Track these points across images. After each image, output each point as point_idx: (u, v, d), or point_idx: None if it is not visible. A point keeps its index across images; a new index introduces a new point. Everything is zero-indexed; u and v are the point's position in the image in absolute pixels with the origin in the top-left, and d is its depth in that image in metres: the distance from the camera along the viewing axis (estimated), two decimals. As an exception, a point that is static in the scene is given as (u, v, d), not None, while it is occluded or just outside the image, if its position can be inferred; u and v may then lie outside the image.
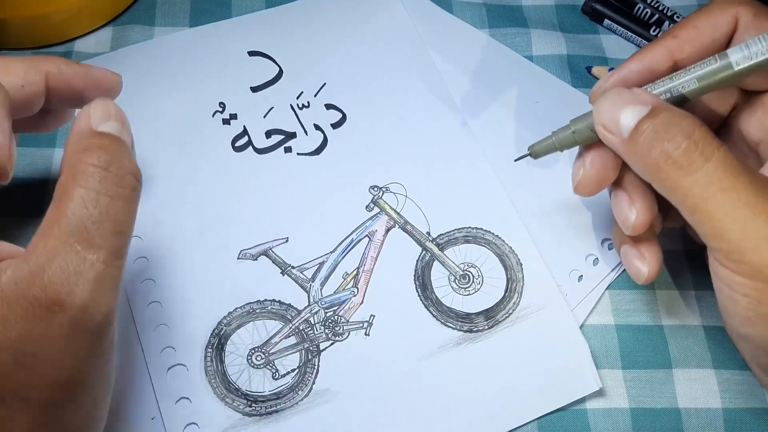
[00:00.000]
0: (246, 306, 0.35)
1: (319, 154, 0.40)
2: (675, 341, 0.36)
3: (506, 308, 0.36)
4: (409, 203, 0.38)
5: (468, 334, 0.35)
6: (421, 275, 0.37)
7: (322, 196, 0.38)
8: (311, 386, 0.34)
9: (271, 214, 0.38)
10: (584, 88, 0.42)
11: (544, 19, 0.45)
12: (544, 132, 0.38)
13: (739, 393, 0.35)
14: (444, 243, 0.37)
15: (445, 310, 0.36)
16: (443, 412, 0.33)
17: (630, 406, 0.34)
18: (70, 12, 0.41)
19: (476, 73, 0.42)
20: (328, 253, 0.37)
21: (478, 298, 0.36)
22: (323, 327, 0.35)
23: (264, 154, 0.40)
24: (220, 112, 0.41)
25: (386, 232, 0.38)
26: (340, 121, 0.41)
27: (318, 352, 0.35)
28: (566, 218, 0.38)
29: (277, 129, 0.40)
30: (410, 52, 0.43)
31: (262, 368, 0.34)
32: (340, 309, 0.36)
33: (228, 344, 0.35)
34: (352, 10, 0.44)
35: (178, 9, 0.44)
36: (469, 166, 0.39)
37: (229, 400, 0.33)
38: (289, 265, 0.36)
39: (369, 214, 0.38)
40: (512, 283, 0.36)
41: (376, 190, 0.39)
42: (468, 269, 0.37)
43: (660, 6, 0.45)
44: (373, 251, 0.37)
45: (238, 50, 0.43)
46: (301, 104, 0.41)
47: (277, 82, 0.42)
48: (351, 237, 0.37)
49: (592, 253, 0.37)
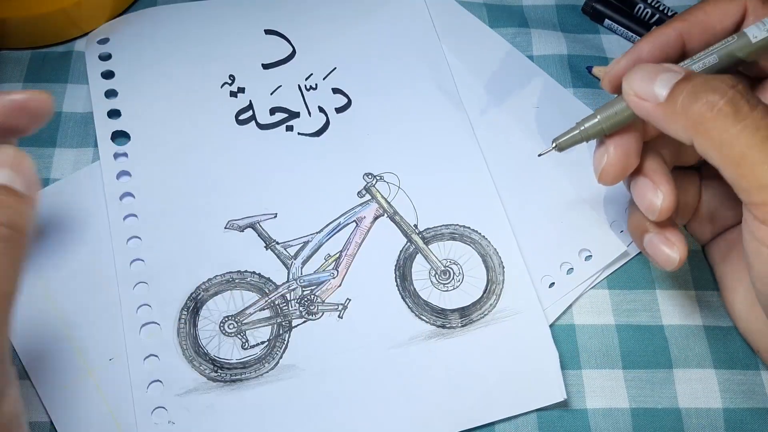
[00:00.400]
0: (226, 274, 0.36)
1: (319, 136, 0.40)
2: (675, 341, 0.36)
3: (482, 309, 0.35)
4: (401, 194, 0.38)
5: (440, 329, 0.35)
6: (403, 266, 0.37)
7: (317, 177, 0.39)
8: (278, 360, 0.34)
9: (263, 189, 0.38)
10: (585, 89, 0.42)
11: (545, 19, 0.45)
12: (546, 137, 0.38)
13: (740, 393, 0.34)
14: (430, 237, 0.37)
15: (421, 303, 0.36)
16: (404, 402, 0.33)
17: (630, 406, 0.34)
18: (70, 12, 0.41)
19: (486, 73, 0.42)
20: (313, 233, 0.37)
21: (455, 296, 0.36)
22: (298, 304, 0.36)
23: (266, 130, 0.40)
24: (229, 84, 0.41)
25: (374, 220, 0.38)
26: (344, 106, 0.41)
27: (290, 328, 0.35)
28: (550, 224, 0.38)
29: (282, 107, 0.41)
30: (424, 44, 0.43)
31: (233, 337, 0.35)
32: (317, 289, 0.36)
33: (203, 309, 0.35)
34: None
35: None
36: (466, 164, 0.39)
37: (196, 363, 0.34)
38: (274, 240, 0.37)
39: (360, 200, 0.38)
40: (492, 284, 0.36)
41: (370, 177, 0.39)
42: (450, 266, 0.37)
43: (660, 6, 0.45)
44: (358, 237, 0.37)
45: (255, 27, 0.43)
46: (308, 86, 0.42)
47: (288, 61, 0.42)
48: (339, 220, 0.38)
49: (567, 262, 0.37)
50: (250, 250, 0.37)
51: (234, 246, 0.37)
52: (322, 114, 0.41)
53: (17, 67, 0.42)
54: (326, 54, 0.43)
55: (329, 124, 0.40)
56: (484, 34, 0.44)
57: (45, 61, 0.42)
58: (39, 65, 0.42)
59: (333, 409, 0.33)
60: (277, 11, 0.44)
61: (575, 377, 0.35)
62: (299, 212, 0.38)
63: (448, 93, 0.41)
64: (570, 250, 0.37)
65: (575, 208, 0.38)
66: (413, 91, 0.41)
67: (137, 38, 0.42)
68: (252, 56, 0.42)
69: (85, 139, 0.40)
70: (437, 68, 0.42)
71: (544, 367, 0.34)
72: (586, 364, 0.35)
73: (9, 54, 0.42)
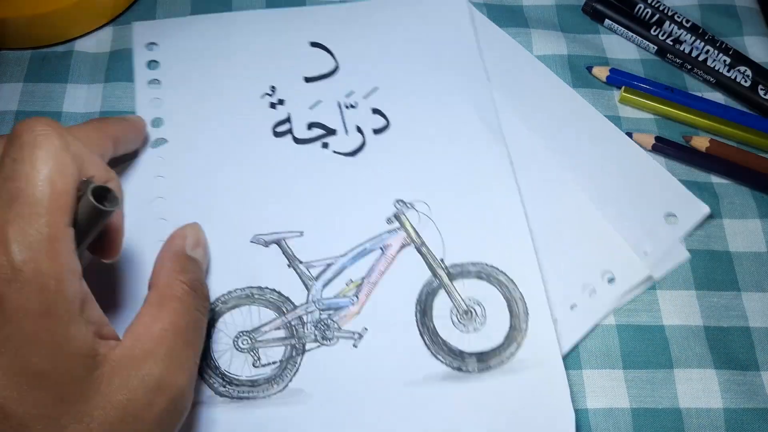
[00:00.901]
0: (246, 289, 0.35)
1: (354, 156, 0.39)
2: (675, 341, 0.36)
3: (501, 356, 0.34)
4: (430, 225, 0.37)
5: (456, 372, 0.34)
6: (424, 301, 0.36)
7: (347, 198, 0.38)
8: (287, 383, 0.34)
9: (292, 205, 0.38)
10: (584, 89, 0.43)
11: (545, 18, 0.46)
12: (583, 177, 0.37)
13: (740, 393, 0.35)
14: (455, 273, 0.36)
15: (439, 342, 0.35)
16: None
17: (631, 406, 0.34)
18: (70, 12, 0.41)
19: (531, 108, 0.41)
20: (338, 256, 0.37)
21: (475, 338, 0.35)
22: (314, 328, 0.35)
23: (301, 145, 0.40)
24: (270, 95, 0.41)
25: (400, 249, 0.37)
26: (382, 128, 0.40)
27: (303, 351, 0.34)
28: (573, 246, 0.37)
29: (320, 123, 0.40)
30: (468, 72, 0.42)
31: (246, 353, 0.34)
32: (335, 314, 0.35)
33: (219, 321, 0.35)
34: (420, 19, 0.44)
35: (179, 8, 0.44)
36: (501, 202, 0.38)
37: (206, 376, 0.33)
38: (297, 259, 0.36)
39: (388, 226, 0.37)
40: (514, 331, 0.35)
41: (401, 204, 0.38)
42: (473, 306, 0.36)
43: (660, 6, 0.45)
44: (382, 265, 0.37)
45: (301, 39, 0.43)
46: (348, 103, 0.41)
47: (331, 76, 0.42)
48: (365, 245, 0.37)
49: (590, 284, 0.37)
50: (273, 267, 0.36)
51: (257, 261, 0.36)
52: (359, 134, 0.40)
53: (17, 67, 0.41)
54: (369, 72, 0.42)
55: (365, 144, 0.40)
56: (530, 64, 0.43)
57: (45, 61, 0.42)
58: (39, 65, 0.42)
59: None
60: (324, 24, 0.43)
61: (576, 377, 0.35)
62: (326, 232, 0.37)
63: (489, 125, 0.40)
64: (592, 272, 0.37)
65: (599, 229, 0.38)
66: (454, 120, 0.40)
67: (185, 44, 0.42)
68: (295, 68, 0.42)
69: None
70: (480, 98, 0.41)
71: (558, 425, 0.33)
72: (586, 363, 0.35)
73: (9, 54, 0.42)
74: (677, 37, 0.44)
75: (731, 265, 0.38)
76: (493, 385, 0.34)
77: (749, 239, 0.39)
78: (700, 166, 0.41)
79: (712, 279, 0.38)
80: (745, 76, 0.43)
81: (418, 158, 0.39)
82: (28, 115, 0.40)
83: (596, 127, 0.41)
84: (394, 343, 0.35)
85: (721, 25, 0.46)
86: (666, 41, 0.44)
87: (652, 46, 0.44)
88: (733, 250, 0.39)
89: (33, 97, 0.41)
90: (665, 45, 0.44)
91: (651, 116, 0.43)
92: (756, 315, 0.37)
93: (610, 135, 0.41)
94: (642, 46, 0.45)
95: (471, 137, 0.40)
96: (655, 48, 0.44)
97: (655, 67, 0.44)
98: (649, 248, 0.38)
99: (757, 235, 0.39)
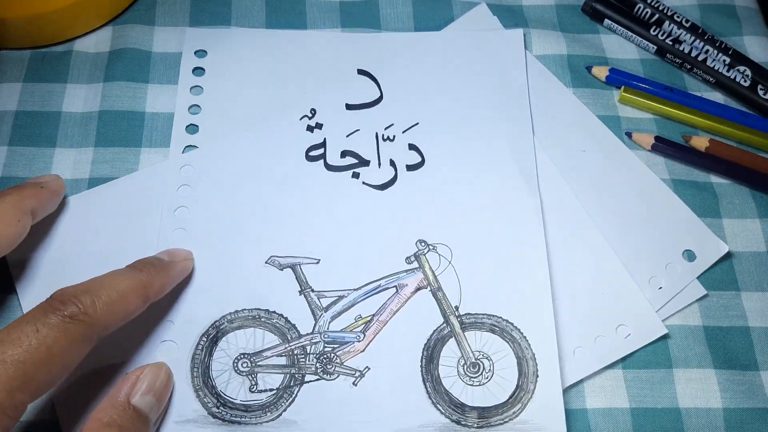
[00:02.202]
0: (254, 310, 0.35)
1: (383, 190, 0.39)
2: (675, 341, 0.36)
3: (503, 414, 0.33)
4: (450, 270, 0.36)
5: (454, 425, 0.33)
6: (432, 347, 0.35)
7: (369, 232, 0.37)
8: (281, 412, 0.33)
9: (313, 231, 0.37)
10: (584, 89, 0.43)
11: (544, 18, 0.46)
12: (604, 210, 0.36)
13: (740, 393, 0.35)
14: (468, 324, 0.35)
15: (441, 391, 0.34)
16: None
17: (630, 405, 0.34)
18: (70, 12, 0.41)
19: (573, 163, 0.40)
20: (351, 290, 0.36)
21: (479, 392, 0.34)
22: (316, 360, 0.34)
23: (332, 172, 0.39)
24: (309, 117, 0.41)
25: (416, 291, 0.36)
26: (416, 165, 0.40)
27: (302, 382, 0.34)
28: (589, 296, 0.37)
29: (354, 152, 0.40)
30: (514, 120, 0.41)
31: (244, 376, 0.34)
32: (339, 348, 0.35)
33: (222, 341, 0.34)
34: (474, 59, 0.43)
35: (178, 9, 0.44)
36: (526, 255, 0.37)
37: (201, 394, 0.33)
38: (310, 287, 0.36)
39: (406, 266, 0.37)
40: (520, 392, 0.33)
41: (423, 245, 0.37)
42: (481, 359, 0.35)
43: (660, 6, 0.45)
44: (395, 305, 0.36)
45: (348, 64, 0.43)
46: (386, 136, 0.40)
47: (373, 107, 0.41)
48: (380, 282, 0.36)
49: (603, 336, 0.36)
50: (284, 292, 0.36)
51: (269, 283, 0.36)
52: (392, 168, 0.40)
53: (17, 67, 0.42)
54: (412, 106, 0.41)
55: (397, 179, 0.39)
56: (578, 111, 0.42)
57: (45, 61, 0.42)
58: (39, 65, 0.42)
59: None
60: (375, 52, 0.43)
61: (575, 377, 0.35)
62: (342, 263, 0.37)
63: (527, 176, 0.39)
64: (607, 326, 0.36)
65: (619, 281, 0.37)
66: (491, 165, 0.39)
67: (233, 55, 0.42)
68: (338, 94, 0.42)
69: (85, 140, 0.40)
70: (522, 147, 0.40)
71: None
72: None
73: (9, 54, 0.42)
74: (677, 36, 0.44)
75: (731, 265, 0.38)
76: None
77: (749, 239, 0.39)
78: (700, 165, 0.41)
79: (712, 279, 0.38)
80: (745, 76, 0.43)
81: (448, 200, 0.38)
82: (27, 115, 0.40)
83: (616, 153, 0.41)
84: (394, 387, 0.34)
85: (721, 25, 0.46)
86: (665, 41, 0.44)
87: (651, 46, 0.44)
88: (733, 250, 0.39)
89: (32, 97, 0.41)
90: (665, 45, 0.44)
91: (650, 116, 0.42)
92: (755, 315, 0.37)
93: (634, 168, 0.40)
94: (641, 46, 0.45)
95: (506, 186, 0.39)
96: (654, 48, 0.44)
97: (655, 67, 0.44)
98: (665, 284, 0.37)
99: (757, 235, 0.39)
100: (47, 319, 0.27)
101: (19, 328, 0.27)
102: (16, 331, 0.27)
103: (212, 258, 0.36)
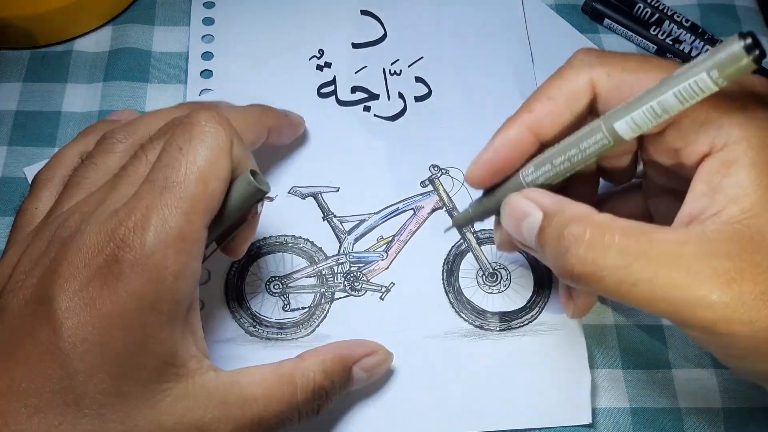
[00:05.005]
0: (281, 236, 0.37)
1: (394, 121, 0.41)
2: (675, 341, 0.36)
3: (523, 318, 0.35)
4: (463, 191, 0.38)
5: (478, 329, 0.35)
6: (452, 261, 0.37)
7: (384, 160, 0.39)
8: (315, 328, 0.35)
9: (331, 162, 0.39)
10: None
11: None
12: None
13: (740, 393, 0.34)
14: (484, 239, 0.37)
15: (463, 301, 0.36)
16: (427, 391, 0.33)
17: (630, 405, 0.34)
18: (70, 12, 0.41)
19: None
20: (371, 213, 0.38)
21: (498, 299, 0.36)
22: (344, 278, 0.36)
23: (344, 107, 0.41)
24: (317, 57, 0.42)
25: (432, 211, 0.38)
26: (424, 96, 0.41)
27: (332, 299, 0.36)
28: None
29: (364, 87, 0.42)
30: (513, 49, 0.43)
31: (276, 297, 0.36)
32: (365, 267, 0.37)
33: (253, 265, 0.36)
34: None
35: (178, 8, 0.44)
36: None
37: (237, 315, 0.35)
38: (332, 213, 0.38)
39: (422, 189, 0.39)
40: (537, 297, 0.36)
41: (436, 169, 0.39)
42: (498, 269, 0.37)
43: (660, 5, 0.45)
44: (413, 225, 0.38)
45: (352, 6, 0.44)
46: (393, 71, 0.42)
47: (378, 44, 0.43)
48: (398, 205, 0.38)
49: None
50: (308, 218, 0.38)
51: (293, 211, 0.38)
52: (401, 100, 0.41)
53: (17, 67, 0.42)
54: (416, 42, 0.43)
55: (406, 110, 0.41)
56: (577, 42, 0.44)
57: (44, 61, 0.42)
58: (38, 65, 0.42)
59: (358, 387, 0.34)
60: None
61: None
62: (361, 190, 0.38)
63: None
64: None
65: None
66: (494, 94, 0.41)
67: (239, 3, 0.44)
68: (344, 34, 0.43)
69: None
70: (522, 74, 0.42)
71: (574, 388, 0.33)
72: (586, 363, 0.35)
73: (8, 54, 0.42)
74: (677, 36, 0.44)
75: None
76: (513, 345, 0.34)
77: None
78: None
79: None
80: (745, 76, 0.43)
81: (456, 127, 0.40)
82: (27, 115, 0.40)
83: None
84: (419, 299, 0.36)
85: (721, 25, 0.45)
86: (665, 41, 0.44)
87: (651, 46, 0.44)
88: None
89: (32, 97, 0.41)
90: (665, 44, 0.44)
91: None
92: (755, 315, 0.37)
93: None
94: (641, 46, 0.45)
95: (509, 110, 0.41)
96: (654, 47, 0.44)
97: (655, 66, 0.45)
98: None
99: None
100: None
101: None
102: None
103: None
